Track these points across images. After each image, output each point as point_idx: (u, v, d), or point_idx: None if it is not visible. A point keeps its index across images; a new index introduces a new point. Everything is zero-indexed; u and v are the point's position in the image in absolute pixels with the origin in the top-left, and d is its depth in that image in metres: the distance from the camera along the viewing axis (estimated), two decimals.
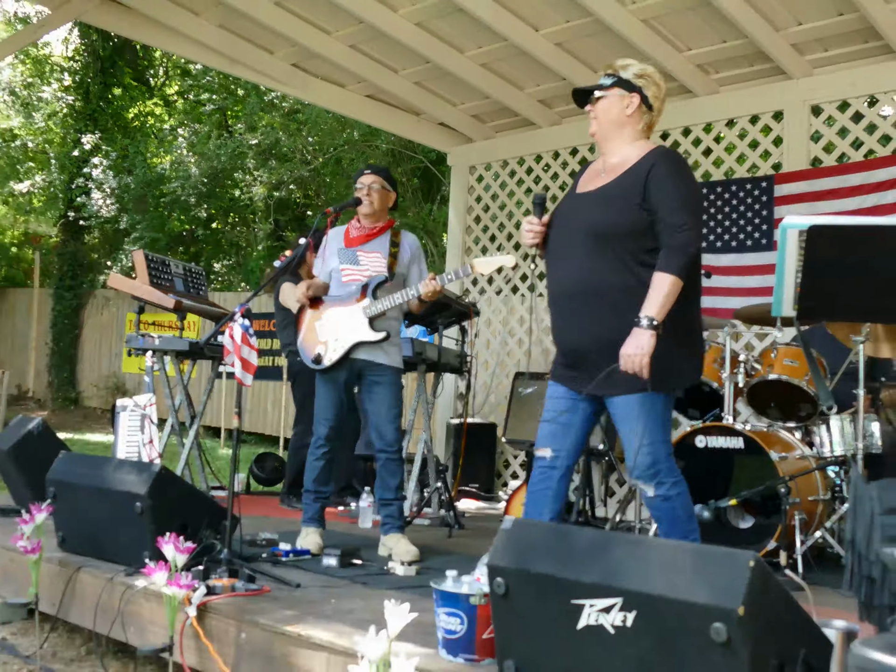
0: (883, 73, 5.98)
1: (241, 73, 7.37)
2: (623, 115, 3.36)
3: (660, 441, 3.24)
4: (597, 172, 3.43)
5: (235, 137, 15.99)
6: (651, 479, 3.23)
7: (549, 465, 3.38)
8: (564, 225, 3.38)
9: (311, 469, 4.41)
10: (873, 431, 4.56)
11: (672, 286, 3.08)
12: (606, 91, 3.37)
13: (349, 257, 4.36)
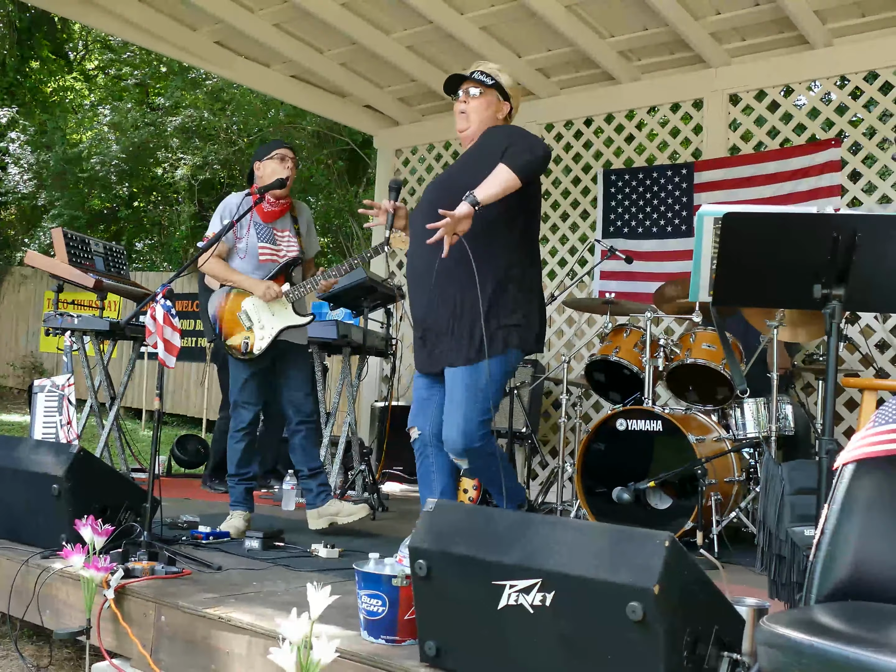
0: (797, 64, 6.12)
1: (164, 49, 7.20)
2: (494, 119, 3.46)
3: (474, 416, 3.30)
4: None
5: (157, 113, 15.67)
6: (462, 456, 3.34)
7: (421, 445, 3.53)
8: (419, 211, 3.49)
9: (234, 452, 4.39)
10: (787, 414, 4.71)
11: (508, 179, 3.13)
12: (484, 89, 3.44)
13: (267, 235, 4.32)
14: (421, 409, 3.52)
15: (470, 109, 3.44)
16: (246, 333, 4.25)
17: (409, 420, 3.58)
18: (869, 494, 1.74)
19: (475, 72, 3.49)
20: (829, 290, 2.24)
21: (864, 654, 1.39)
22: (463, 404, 3.29)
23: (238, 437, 4.38)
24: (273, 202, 4.32)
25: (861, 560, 1.71)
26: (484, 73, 3.47)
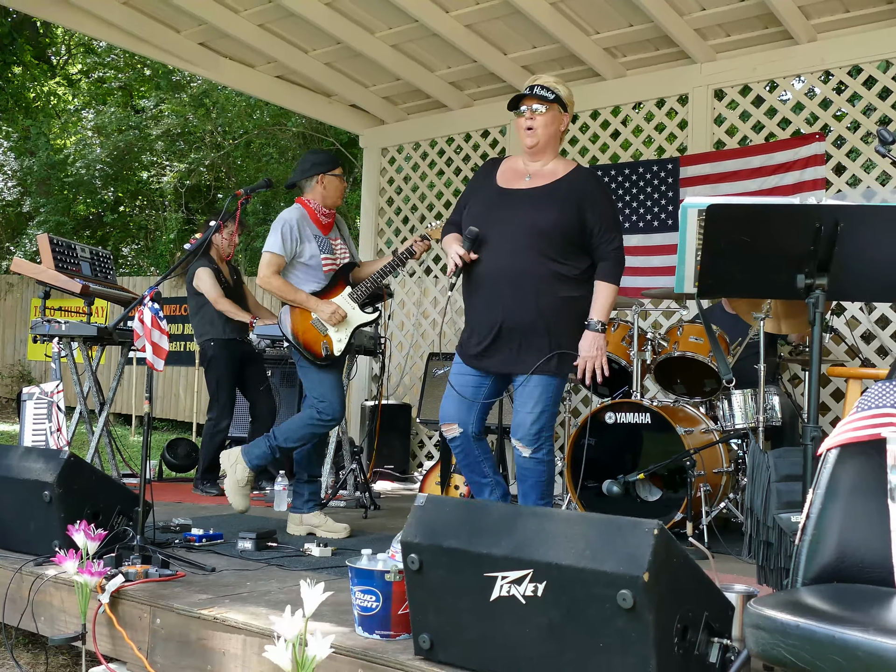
0: (782, 59, 6.16)
1: (148, 52, 7.19)
2: (559, 132, 3.72)
3: (548, 413, 3.65)
4: (519, 174, 3.73)
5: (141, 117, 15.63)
6: (531, 444, 3.61)
7: (464, 439, 3.76)
8: (496, 217, 3.64)
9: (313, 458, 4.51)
10: (774, 405, 4.74)
11: (614, 293, 3.62)
12: (548, 105, 3.64)
13: (326, 246, 4.44)
14: (467, 407, 3.72)
15: (537, 125, 3.64)
16: (322, 339, 4.34)
17: (447, 416, 3.76)
18: (852, 478, 1.77)
19: (535, 86, 3.65)
20: (812, 279, 2.27)
21: (849, 633, 1.41)
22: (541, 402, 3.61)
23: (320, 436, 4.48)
24: (327, 214, 4.47)
25: (845, 543, 1.74)
26: (544, 87, 3.65)
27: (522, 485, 3.70)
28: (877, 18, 5.80)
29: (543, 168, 3.70)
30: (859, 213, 2.23)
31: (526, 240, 3.55)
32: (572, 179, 3.65)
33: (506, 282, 3.59)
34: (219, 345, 5.98)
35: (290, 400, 6.82)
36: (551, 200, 3.60)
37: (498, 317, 3.61)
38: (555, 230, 3.54)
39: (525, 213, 3.59)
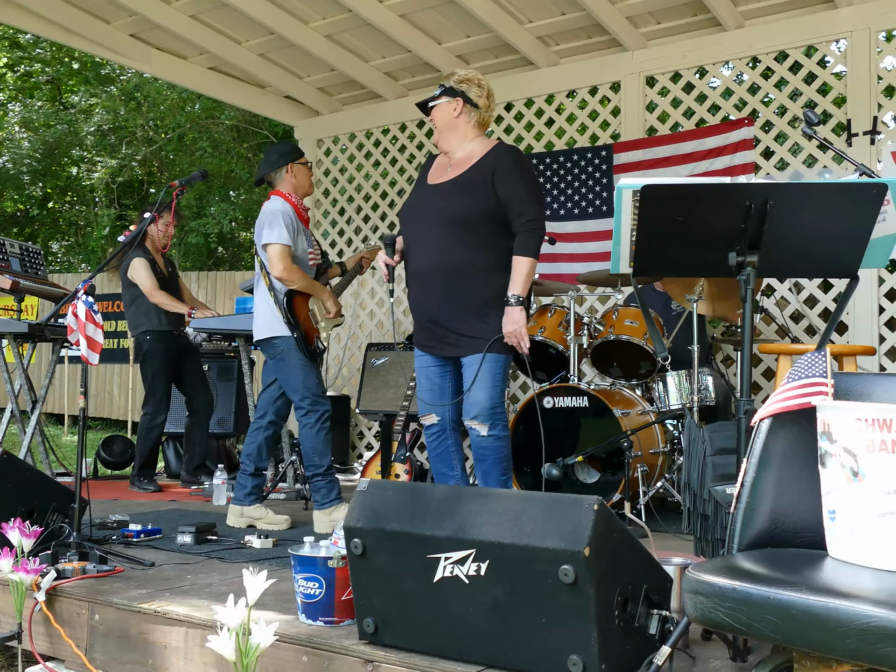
0: (711, 46, 6.25)
1: (77, 44, 7.03)
2: (452, 118, 3.79)
3: (498, 387, 3.70)
4: (444, 167, 3.85)
5: (68, 112, 15.32)
6: (488, 420, 3.65)
7: (441, 429, 3.84)
8: (420, 213, 3.78)
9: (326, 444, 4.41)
10: (707, 385, 4.83)
11: (530, 266, 3.64)
12: (437, 101, 3.82)
13: (310, 240, 4.49)
14: (438, 397, 3.83)
15: (433, 122, 3.86)
16: (315, 331, 4.42)
17: (423, 409, 3.86)
18: (784, 447, 1.81)
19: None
20: (743, 257, 2.30)
21: (783, 593, 1.45)
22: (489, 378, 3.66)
23: (327, 428, 4.40)
24: (306, 209, 4.52)
25: (778, 509, 1.78)
26: (439, 85, 3.83)
27: (482, 465, 3.74)
28: (802, 5, 5.92)
29: (460, 156, 3.79)
30: (788, 190, 2.28)
31: (443, 231, 3.65)
32: (486, 160, 3.71)
33: (430, 275, 3.70)
34: (154, 337, 5.89)
35: (227, 394, 6.76)
36: (464, 188, 3.68)
37: (428, 309, 3.73)
38: (471, 217, 3.63)
39: (441, 204, 3.69)
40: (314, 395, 4.35)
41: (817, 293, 5.81)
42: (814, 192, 2.32)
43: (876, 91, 5.65)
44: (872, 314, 5.52)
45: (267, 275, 4.33)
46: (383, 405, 6.34)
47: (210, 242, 13.86)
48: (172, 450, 6.86)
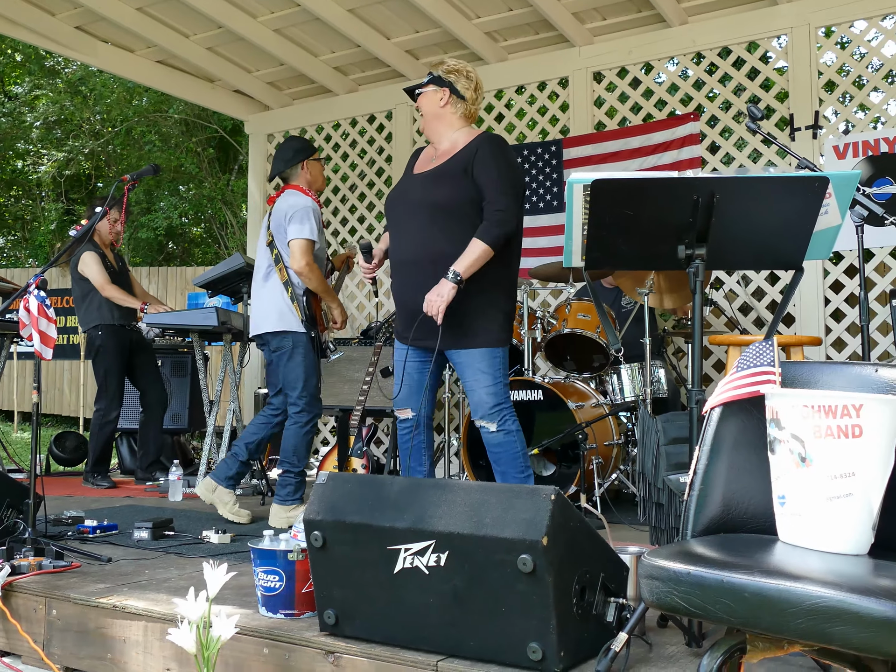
0: (656, 42, 6.34)
1: (21, 35, 6.93)
2: (438, 108, 3.74)
3: (500, 384, 3.61)
4: (429, 158, 3.81)
5: (15, 103, 15.05)
6: (495, 417, 3.57)
7: (414, 423, 3.78)
8: (403, 202, 3.74)
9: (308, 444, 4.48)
10: (660, 377, 4.91)
11: (483, 252, 3.49)
12: (424, 88, 3.76)
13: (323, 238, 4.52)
14: (415, 391, 3.75)
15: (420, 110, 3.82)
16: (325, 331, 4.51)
17: (398, 402, 3.79)
18: (734, 435, 1.87)
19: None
20: (692, 250, 2.36)
21: (736, 576, 1.50)
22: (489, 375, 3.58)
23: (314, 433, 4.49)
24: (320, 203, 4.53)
25: (730, 496, 1.83)
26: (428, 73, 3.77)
27: (499, 466, 3.64)
28: (743, 1, 6.03)
29: (445, 146, 3.75)
30: (733, 184, 2.34)
31: (426, 220, 3.61)
32: (468, 148, 3.66)
33: (414, 265, 3.64)
34: (107, 332, 5.84)
35: (181, 389, 6.72)
36: (446, 176, 3.64)
37: (412, 300, 3.62)
38: (453, 205, 3.57)
39: (424, 193, 3.65)
40: (312, 397, 4.41)
41: (765, 286, 5.93)
42: (758, 186, 2.39)
43: (817, 86, 5.78)
44: (818, 305, 5.64)
45: (285, 269, 4.36)
46: (339, 400, 6.33)
47: (159, 237, 13.71)
48: (126, 446, 6.82)
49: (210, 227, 15.10)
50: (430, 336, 3.55)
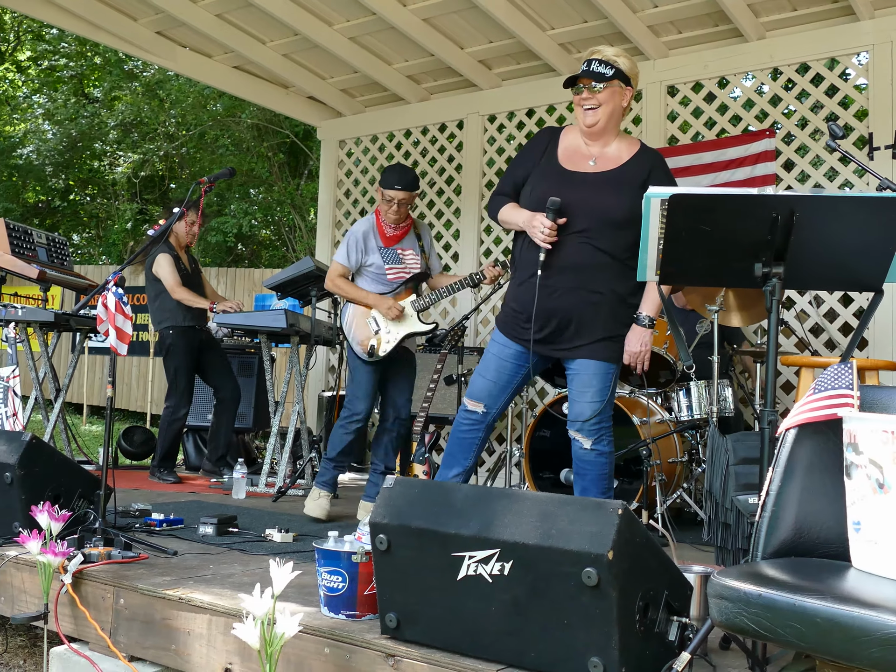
0: (732, 56, 6.28)
1: (103, 39, 7.12)
2: (621, 108, 3.45)
3: (607, 402, 3.50)
4: (583, 155, 3.49)
5: (93, 106, 15.43)
6: (594, 434, 3.46)
7: (480, 420, 3.62)
8: (564, 203, 3.36)
9: (340, 441, 4.65)
10: (727, 396, 4.85)
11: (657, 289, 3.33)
12: (607, 82, 3.38)
13: (392, 257, 4.66)
14: (499, 391, 3.58)
15: (596, 103, 3.40)
16: (373, 337, 4.59)
17: (476, 394, 3.60)
18: (809, 457, 1.85)
19: (593, 61, 3.42)
20: (769, 268, 2.34)
21: (808, 600, 1.49)
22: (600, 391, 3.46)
23: (349, 430, 4.63)
24: (393, 227, 4.65)
25: (802, 519, 1.81)
26: (602, 62, 3.40)
27: (582, 480, 3.53)
28: (824, 17, 5.94)
29: (606, 150, 3.49)
30: (814, 203, 2.31)
31: (594, 228, 3.37)
32: (637, 161, 3.45)
33: (570, 271, 3.40)
34: (177, 332, 5.96)
35: (247, 389, 6.81)
36: (619, 186, 3.40)
37: (559, 306, 3.42)
38: (626, 219, 3.34)
39: (595, 199, 3.38)
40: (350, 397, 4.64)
41: (837, 307, 5.82)
42: (840, 205, 2.35)
43: None
44: (893, 329, 5.52)
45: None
46: None
47: (228, 240, 13.93)
48: (192, 443, 6.93)
49: (279, 231, 15.30)
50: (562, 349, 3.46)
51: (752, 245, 2.34)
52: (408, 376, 4.83)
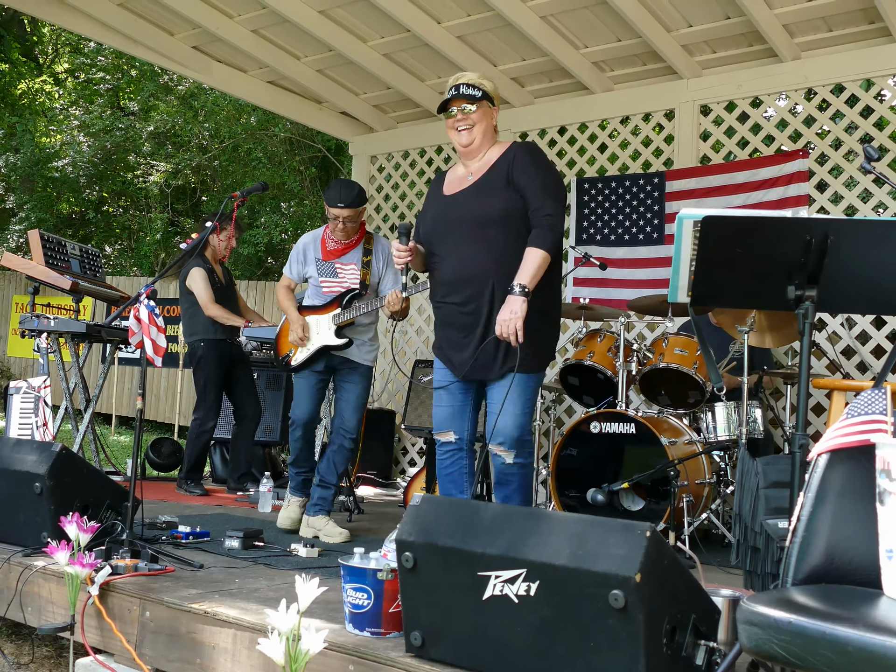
0: (766, 76, 6.26)
1: (141, 53, 7.22)
2: (491, 126, 3.66)
3: (527, 414, 3.57)
4: (460, 178, 3.71)
5: (129, 118, 15.62)
6: (514, 447, 3.53)
7: (457, 448, 3.70)
8: (444, 223, 3.63)
9: (292, 449, 4.70)
10: (756, 417, 4.80)
11: (542, 260, 3.41)
12: (478, 103, 3.59)
13: (327, 270, 4.63)
14: (459, 414, 3.68)
15: (470, 123, 3.60)
16: (292, 347, 4.66)
17: (440, 425, 3.71)
18: (841, 483, 1.82)
19: (461, 86, 3.60)
20: (802, 291, 2.32)
21: (840, 629, 1.47)
22: (519, 403, 3.52)
23: (293, 436, 4.67)
24: (337, 242, 4.61)
25: (834, 545, 1.79)
26: (470, 85, 3.60)
27: (504, 489, 3.61)
28: (859, 38, 5.91)
29: (481, 162, 3.65)
30: (849, 226, 2.30)
31: (476, 235, 3.51)
32: (503, 158, 3.58)
33: (463, 285, 3.55)
34: (208, 345, 6.00)
35: (275, 403, 6.84)
36: (490, 188, 3.54)
37: (461, 323, 3.57)
38: (502, 217, 3.49)
39: (469, 209, 3.55)
40: (292, 405, 4.73)
41: (870, 329, 5.77)
42: (875, 229, 2.34)
43: None
44: None
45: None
46: (429, 422, 6.34)
47: (259, 251, 14.03)
48: (219, 455, 6.96)
49: None
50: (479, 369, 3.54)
51: (786, 268, 2.33)
52: (355, 389, 4.66)
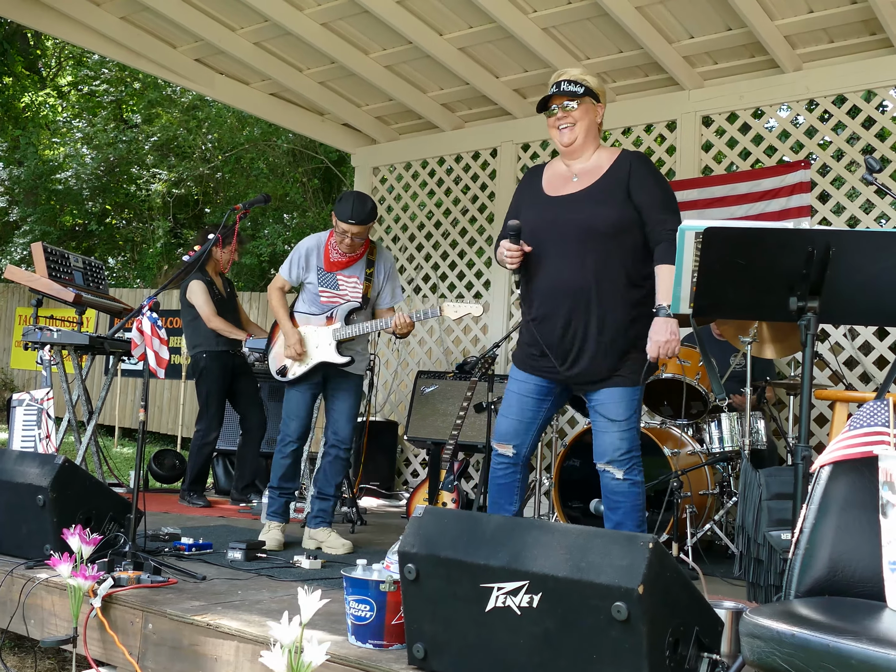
0: (768, 87, 6.26)
1: (143, 66, 7.24)
2: (595, 124, 3.51)
3: (636, 429, 3.43)
4: (563, 177, 3.54)
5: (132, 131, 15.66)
6: (625, 464, 3.37)
7: (513, 462, 3.55)
8: (547, 226, 3.43)
9: (279, 466, 4.57)
10: (759, 428, 4.80)
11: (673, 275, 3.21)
12: (579, 99, 3.45)
13: (329, 281, 4.54)
14: (525, 429, 3.52)
15: (572, 121, 3.46)
16: (289, 358, 4.54)
17: (502, 437, 3.54)
18: (844, 495, 1.82)
19: (562, 82, 3.47)
20: (804, 302, 2.32)
21: (842, 642, 1.46)
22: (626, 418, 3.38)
23: (285, 453, 4.57)
24: (342, 254, 4.51)
25: (837, 557, 1.79)
26: (572, 81, 3.47)
27: (615, 514, 3.42)
28: (861, 49, 5.91)
29: (587, 164, 3.51)
30: (850, 237, 2.30)
31: (583, 244, 3.36)
32: (618, 167, 3.45)
33: (568, 294, 3.39)
34: (211, 356, 6.01)
35: (277, 413, 6.81)
36: (605, 198, 3.40)
37: (563, 332, 3.40)
38: (615, 229, 3.36)
39: (581, 216, 3.39)
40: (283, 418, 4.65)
41: (872, 340, 5.76)
42: (876, 240, 2.34)
43: None
44: None
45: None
46: (431, 433, 6.38)
47: (262, 261, 14.05)
48: (222, 466, 6.96)
49: None
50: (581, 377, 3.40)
51: (787, 279, 2.33)
52: (346, 399, 4.61)
